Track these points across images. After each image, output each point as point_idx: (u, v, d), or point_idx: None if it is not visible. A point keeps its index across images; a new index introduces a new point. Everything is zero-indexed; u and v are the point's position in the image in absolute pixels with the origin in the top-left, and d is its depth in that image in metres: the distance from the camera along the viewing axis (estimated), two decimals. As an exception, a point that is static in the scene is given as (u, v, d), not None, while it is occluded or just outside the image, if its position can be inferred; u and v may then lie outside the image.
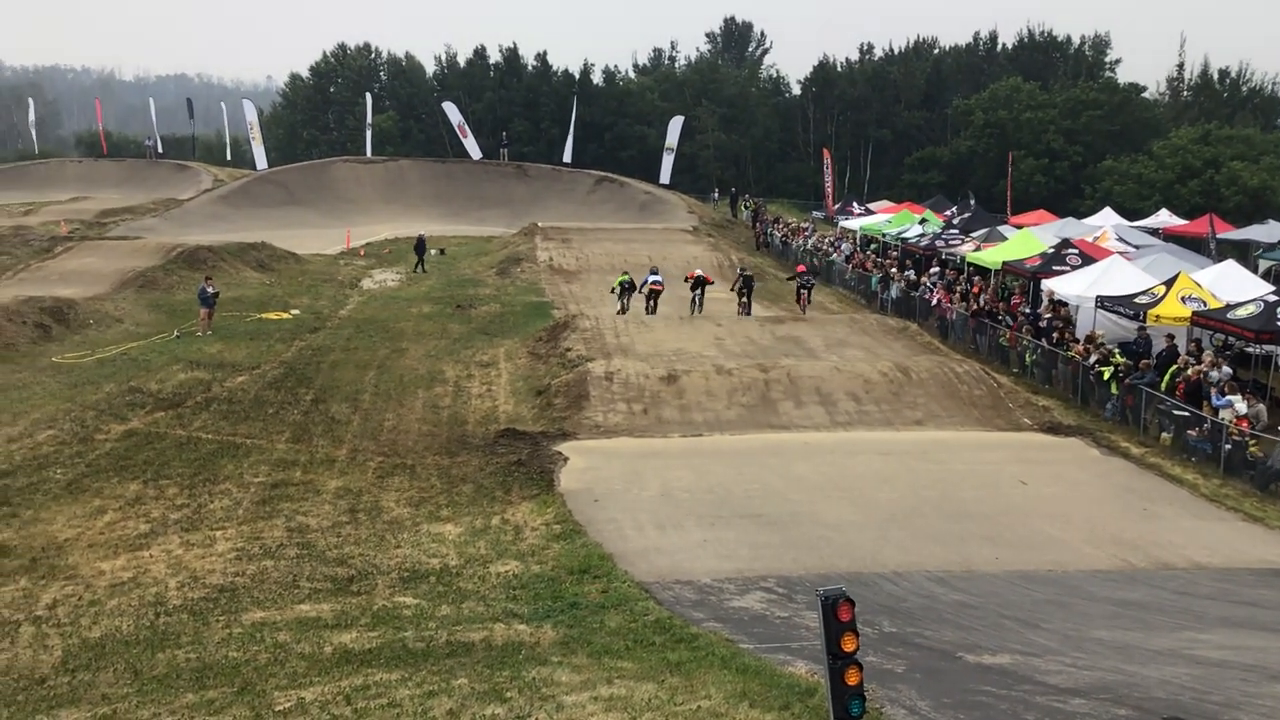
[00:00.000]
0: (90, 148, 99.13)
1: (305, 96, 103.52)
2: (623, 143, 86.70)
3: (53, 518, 16.28)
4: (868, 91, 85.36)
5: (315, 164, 75.61)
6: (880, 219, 49.41)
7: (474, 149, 76.65)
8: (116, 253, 43.48)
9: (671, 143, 73.01)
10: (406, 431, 21.72)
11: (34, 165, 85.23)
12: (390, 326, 32.65)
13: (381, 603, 13.11)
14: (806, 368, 25.70)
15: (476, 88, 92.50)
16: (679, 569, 14.55)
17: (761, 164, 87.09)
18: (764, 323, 31.82)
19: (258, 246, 45.78)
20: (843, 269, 42.68)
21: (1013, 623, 12.98)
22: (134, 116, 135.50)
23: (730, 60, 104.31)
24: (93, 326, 31.58)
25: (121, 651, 11.72)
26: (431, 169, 73.87)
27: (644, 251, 46.27)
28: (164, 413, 22.25)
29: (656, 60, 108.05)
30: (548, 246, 47.74)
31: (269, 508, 16.90)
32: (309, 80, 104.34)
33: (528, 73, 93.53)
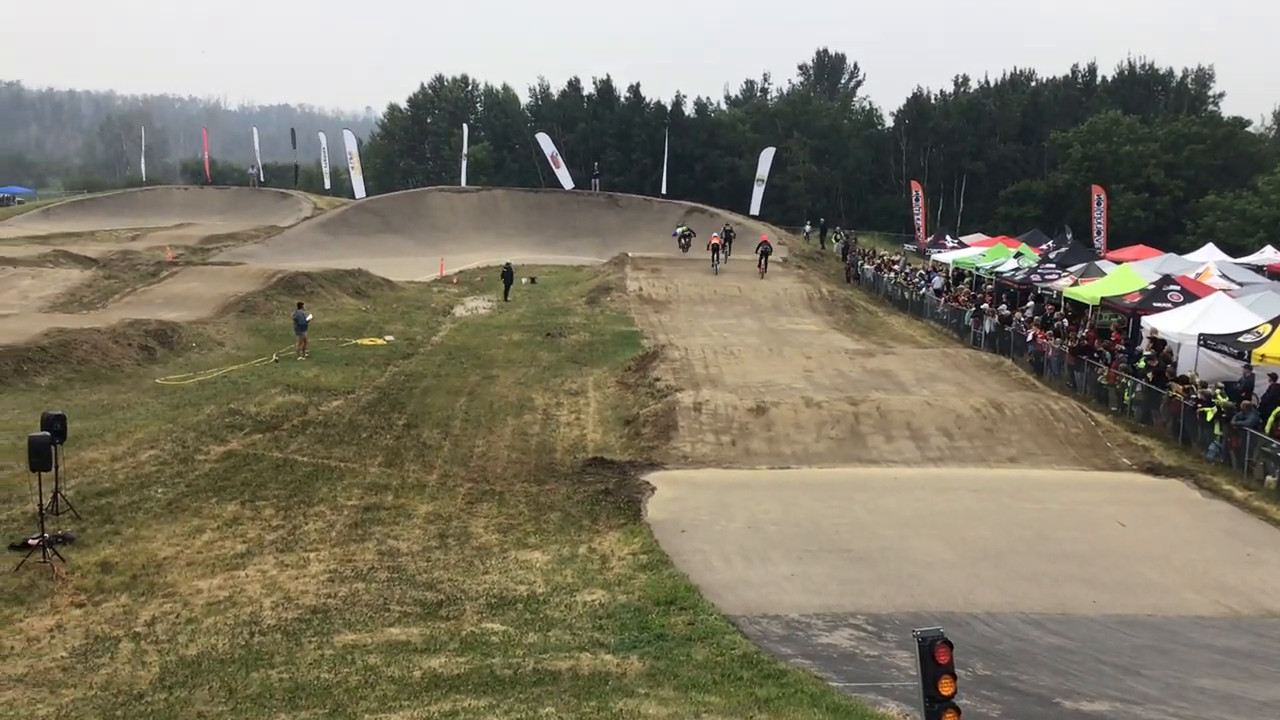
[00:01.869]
0: (196, 175, 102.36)
1: (403, 127, 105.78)
2: (713, 173, 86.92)
3: (153, 536, 16.69)
4: (962, 124, 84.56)
5: (411, 193, 77.05)
6: (974, 252, 48.75)
7: (566, 179, 77.47)
8: (219, 278, 44.67)
9: (762, 174, 73.03)
10: (496, 458, 21.91)
11: (142, 192, 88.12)
12: (481, 354, 33.02)
13: (470, 628, 13.19)
14: (897, 401, 25.40)
15: (570, 119, 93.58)
16: (766, 602, 14.42)
17: (852, 196, 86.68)
18: (854, 355, 31.54)
19: (354, 273, 46.72)
20: (934, 302, 42.18)
21: (1111, 669, 12.62)
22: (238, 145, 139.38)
23: (823, 92, 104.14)
24: (195, 349, 32.46)
25: (217, 670, 11.95)
26: (524, 198, 74.80)
27: (733, 283, 46.26)
28: (262, 435, 22.73)
29: (749, 92, 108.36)
30: (637, 276, 47.95)
31: (361, 531, 17.14)
32: (407, 111, 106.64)
33: (620, 104, 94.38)
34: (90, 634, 13.09)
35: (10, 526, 16.81)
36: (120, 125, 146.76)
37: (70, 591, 14.45)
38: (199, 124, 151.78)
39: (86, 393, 26.50)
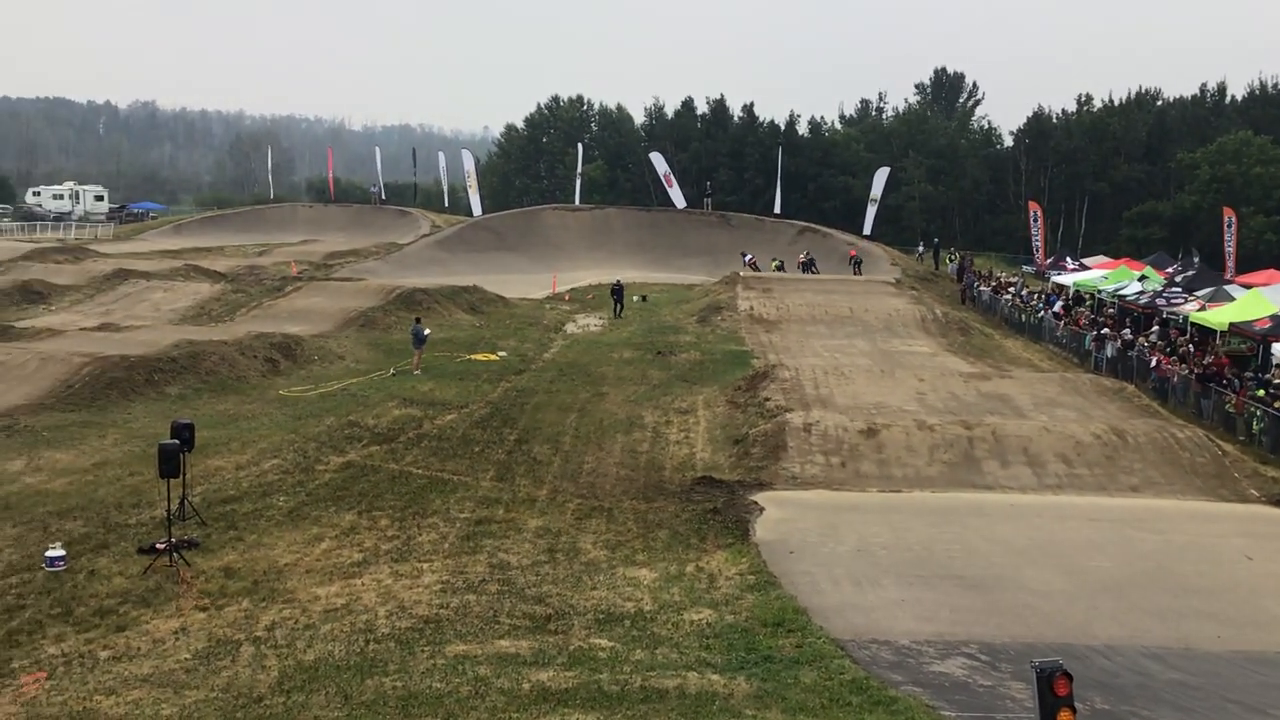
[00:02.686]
0: (320, 193, 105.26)
1: (519, 146, 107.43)
2: (826, 193, 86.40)
3: (274, 543, 17.18)
4: (1084, 143, 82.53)
5: (526, 211, 78.19)
6: (1095, 274, 47.51)
7: (679, 198, 77.75)
8: (341, 293, 45.88)
9: (876, 194, 72.34)
10: (605, 475, 22.05)
11: (269, 209, 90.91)
12: (592, 371, 33.29)
13: (578, 643, 13.30)
14: (1013, 426, 24.87)
15: (683, 138, 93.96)
16: (876, 628, 14.24)
17: (968, 216, 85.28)
18: (968, 378, 30.98)
19: (469, 290, 47.56)
20: (1053, 326, 41.21)
21: (1238, 707, 12.17)
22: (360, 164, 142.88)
23: (940, 111, 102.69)
24: (317, 362, 33.37)
25: (333, 675, 12.25)
26: (636, 217, 75.28)
27: (845, 303, 45.88)
28: (379, 447, 23.25)
29: (864, 111, 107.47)
30: (749, 296, 47.84)
31: (472, 543, 17.40)
32: (523, 131, 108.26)
33: (734, 124, 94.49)
34: (213, 637, 13.53)
35: (139, 531, 17.47)
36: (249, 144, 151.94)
37: (195, 595, 14.96)
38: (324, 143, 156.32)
39: (213, 402, 27.43)
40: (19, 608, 14.44)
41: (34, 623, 13.97)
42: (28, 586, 15.16)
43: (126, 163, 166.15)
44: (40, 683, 12.22)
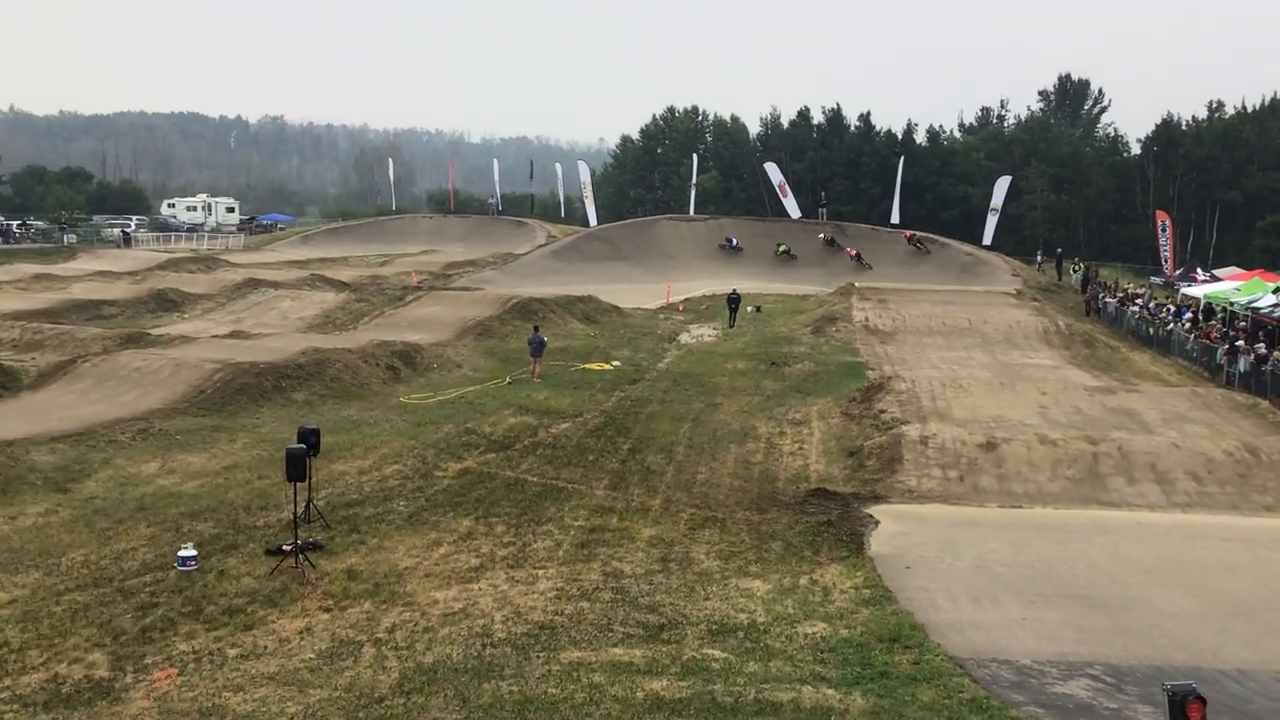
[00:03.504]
0: (440, 204, 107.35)
1: (634, 157, 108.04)
2: (945, 202, 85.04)
3: (395, 547, 17.56)
4: (1216, 151, 79.59)
5: (641, 221, 78.59)
6: (1227, 286, 45.79)
7: (793, 208, 77.35)
8: (459, 302, 46.69)
9: (997, 203, 70.95)
10: (718, 485, 22.02)
11: (391, 220, 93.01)
12: (705, 381, 33.28)
13: (691, 653, 13.30)
14: (1140, 442, 24.11)
15: (798, 148, 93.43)
16: (995, 646, 13.94)
17: (1093, 226, 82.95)
18: (1093, 392, 30.15)
19: (584, 299, 47.94)
20: (1183, 339, 39.86)
21: (1381, 740, 11.61)
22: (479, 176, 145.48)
23: (1064, 118, 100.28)
24: (435, 370, 34.02)
25: (451, 678, 12.46)
26: (751, 227, 75.06)
27: (963, 314, 45.06)
28: (495, 454, 23.60)
29: (984, 119, 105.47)
30: (864, 306, 47.33)
31: (587, 551, 17.53)
32: (638, 142, 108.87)
33: (850, 133, 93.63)
34: (336, 637, 13.87)
35: (267, 533, 18.02)
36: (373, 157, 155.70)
37: (319, 596, 15.36)
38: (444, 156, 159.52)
39: (337, 408, 28.16)
40: (152, 605, 14.99)
41: (166, 620, 14.49)
42: (161, 585, 15.73)
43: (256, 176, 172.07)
44: (172, 678, 12.66)
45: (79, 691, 12.33)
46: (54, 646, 13.58)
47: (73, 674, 12.79)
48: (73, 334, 36.75)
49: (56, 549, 17.29)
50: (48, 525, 18.58)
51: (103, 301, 47.33)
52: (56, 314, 43.23)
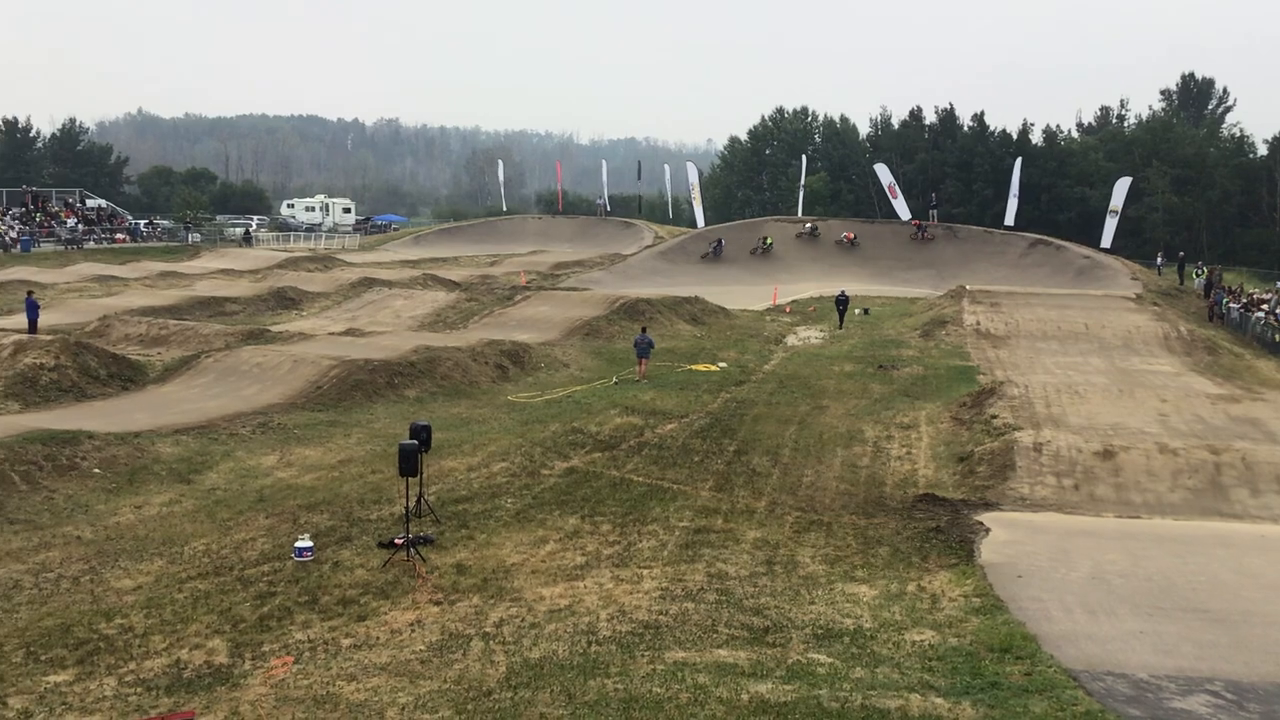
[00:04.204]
0: (549, 205, 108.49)
1: (742, 158, 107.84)
2: (1061, 204, 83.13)
3: (502, 543, 17.79)
4: (1353, 149, 76.34)
5: (748, 222, 78.42)
6: (1362, 292, 43.94)
7: (903, 209, 76.39)
8: (566, 302, 47.13)
9: (1116, 205, 69.11)
10: (824, 489, 21.85)
11: (501, 221, 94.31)
12: (812, 383, 33.07)
13: (796, 657, 13.23)
14: (1266, 453, 23.23)
15: (909, 149, 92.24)
16: (1111, 659, 13.58)
17: (1217, 228, 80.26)
18: (1215, 400, 29.16)
19: (691, 300, 48.00)
20: (1314, 346, 38.34)
21: None
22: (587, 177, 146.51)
23: (1187, 118, 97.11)
24: (543, 369, 34.39)
25: (557, 674, 12.59)
26: (859, 229, 74.31)
27: (1079, 319, 43.99)
28: (601, 454, 23.76)
29: (1103, 119, 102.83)
30: (975, 310, 46.51)
31: (691, 552, 17.55)
32: (747, 143, 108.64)
33: (963, 133, 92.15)
34: (445, 630, 14.11)
35: (379, 526, 18.41)
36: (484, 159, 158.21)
37: (429, 590, 15.64)
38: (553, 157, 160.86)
39: (448, 406, 28.64)
40: (270, 594, 15.43)
41: (283, 609, 14.90)
42: (278, 575, 16.18)
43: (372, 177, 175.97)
44: (288, 666, 13.01)
45: (199, 676, 12.75)
46: (176, 632, 14.06)
47: (194, 659, 13.23)
48: (197, 330, 38.02)
49: (180, 538, 17.92)
50: (171, 515, 19.26)
51: (225, 299, 48.92)
52: (181, 310, 44.82)
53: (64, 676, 12.68)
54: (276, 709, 11.76)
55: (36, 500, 19.52)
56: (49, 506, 19.33)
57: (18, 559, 16.78)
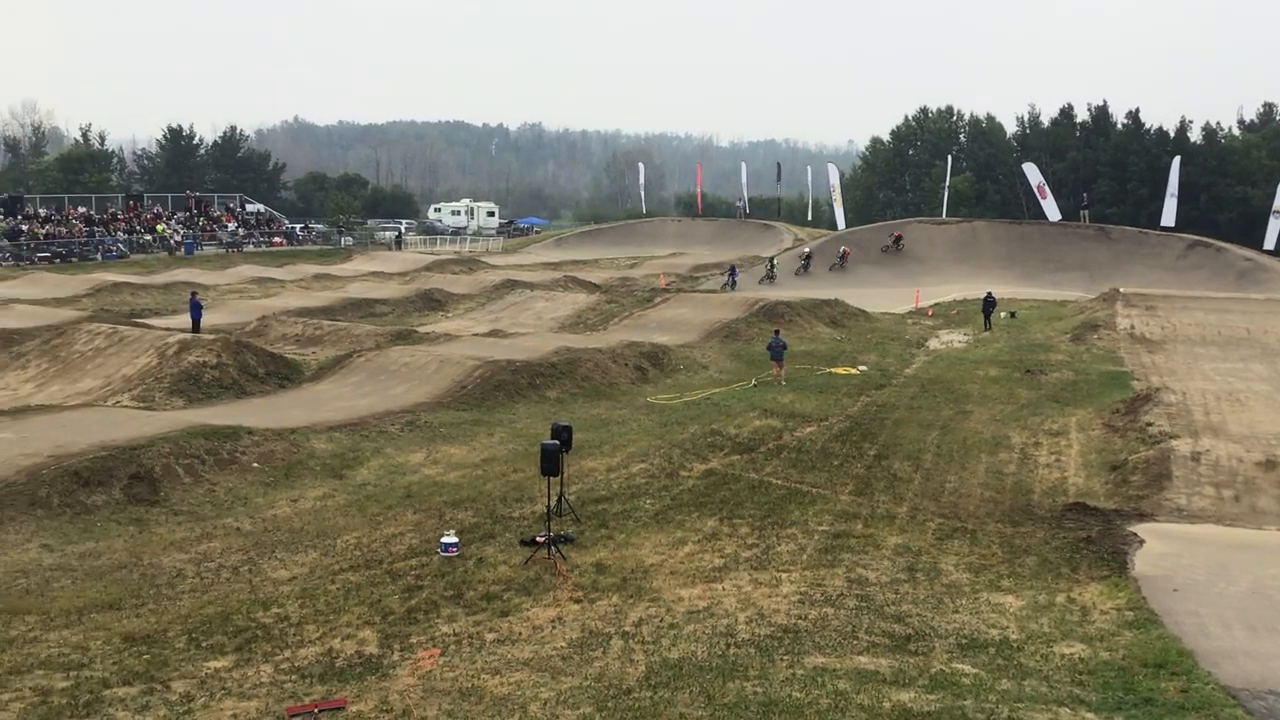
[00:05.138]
0: (688, 207, 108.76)
1: (884, 159, 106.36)
2: (1220, 204, 79.71)
3: (641, 543, 17.92)
4: None
5: (889, 224, 77.17)
6: None
7: (1052, 210, 74.20)
8: (705, 304, 47.19)
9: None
10: (968, 495, 21.40)
11: (640, 223, 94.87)
12: (955, 388, 32.41)
13: (939, 666, 13.00)
14: None
15: (1059, 147, 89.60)
16: (1274, 678, 12.96)
17: (1396, 228, 75.65)
18: (1392, 411, 27.56)
19: (830, 303, 47.55)
20: None
21: None
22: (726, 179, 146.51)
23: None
24: (682, 371, 34.51)
25: (696, 675, 12.63)
26: (1005, 230, 72.60)
27: (1241, 323, 42.06)
28: (739, 456, 23.73)
29: (1266, 116, 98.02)
30: (1129, 313, 44.90)
31: (830, 556, 17.39)
32: (889, 144, 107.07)
33: (1116, 131, 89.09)
34: (586, 628, 14.29)
35: (521, 524, 18.75)
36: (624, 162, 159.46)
37: (569, 588, 15.87)
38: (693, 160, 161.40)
39: (587, 406, 28.98)
40: (417, 588, 15.86)
41: (430, 603, 15.29)
42: (425, 569, 16.62)
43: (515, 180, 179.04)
44: (434, 658, 13.35)
45: (350, 666, 13.18)
46: (329, 622, 14.57)
47: (345, 649, 13.68)
48: (348, 330, 39.29)
49: (332, 531, 18.57)
50: (324, 509, 19.97)
51: (375, 300, 50.44)
52: (334, 311, 46.39)
53: (223, 662, 13.26)
54: (424, 700, 12.09)
55: (199, 493, 20.46)
56: (211, 499, 20.25)
57: (181, 549, 17.62)
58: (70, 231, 68.62)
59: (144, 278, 56.97)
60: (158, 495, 20.01)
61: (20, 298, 47.18)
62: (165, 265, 64.27)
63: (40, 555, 17.12)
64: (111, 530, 18.44)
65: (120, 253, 67.61)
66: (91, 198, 79.74)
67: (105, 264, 63.65)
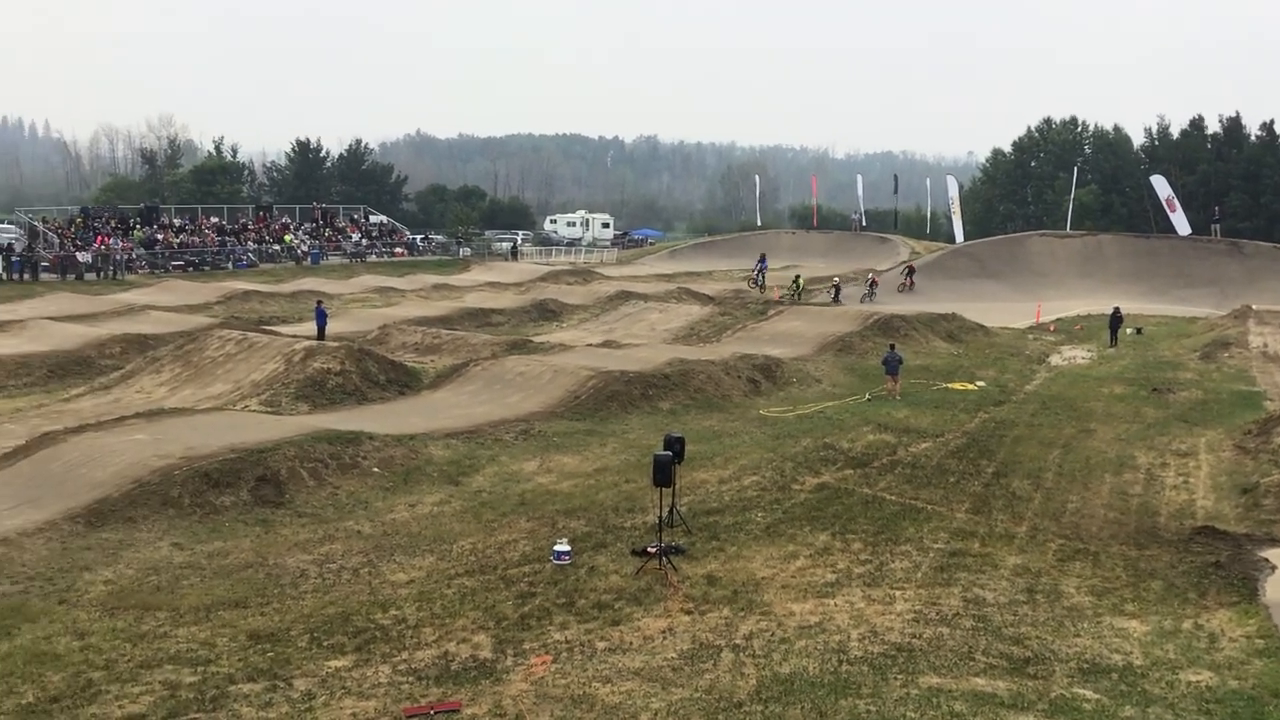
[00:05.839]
0: (803, 220, 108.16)
1: (1005, 171, 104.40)
2: (1364, 218, 76.21)
3: (752, 556, 17.86)
4: None
5: (1010, 238, 75.79)
6: None
7: (1182, 224, 71.90)
8: (819, 318, 46.83)
9: None
10: (1090, 516, 20.85)
11: (754, 235, 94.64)
12: (1078, 405, 31.62)
13: (1059, 691, 12.68)
14: None
15: (1189, 160, 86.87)
16: None
17: None
18: None
19: (948, 317, 46.79)
20: None
21: None
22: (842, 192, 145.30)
23: None
24: (795, 384, 34.30)
25: (808, 691, 12.53)
26: (1132, 244, 70.61)
27: (1386, 342, 40.18)
28: (852, 471, 23.50)
29: None
30: (1262, 331, 43.30)
31: (946, 575, 17.10)
32: (1010, 155, 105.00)
33: (1250, 144, 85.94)
34: (696, 640, 14.29)
35: (632, 534, 18.83)
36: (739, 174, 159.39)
37: (680, 599, 15.89)
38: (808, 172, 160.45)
39: (700, 418, 28.99)
40: (530, 595, 16.04)
41: (542, 610, 15.46)
42: (538, 576, 16.81)
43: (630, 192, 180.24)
44: (547, 665, 13.49)
45: (465, 669, 13.40)
46: (445, 626, 14.84)
47: (460, 652, 13.92)
48: (466, 339, 39.99)
49: (448, 536, 18.91)
50: (441, 514, 20.35)
51: (491, 310, 51.27)
52: (452, 320, 47.27)
53: (343, 662, 13.60)
54: (536, 705, 12.23)
55: (322, 495, 21.04)
56: (333, 502, 20.80)
57: (304, 550, 18.13)
58: (203, 241, 71.17)
59: (272, 286, 58.80)
60: (283, 497, 20.63)
61: (156, 304, 49.19)
62: (292, 274, 66.20)
63: (171, 553, 17.78)
64: (239, 530, 19.06)
65: (250, 262, 69.89)
66: (223, 208, 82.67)
67: (236, 272, 65.93)
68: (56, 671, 13.05)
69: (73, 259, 59.48)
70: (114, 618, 14.86)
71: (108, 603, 15.44)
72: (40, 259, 58.73)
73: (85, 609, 15.18)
